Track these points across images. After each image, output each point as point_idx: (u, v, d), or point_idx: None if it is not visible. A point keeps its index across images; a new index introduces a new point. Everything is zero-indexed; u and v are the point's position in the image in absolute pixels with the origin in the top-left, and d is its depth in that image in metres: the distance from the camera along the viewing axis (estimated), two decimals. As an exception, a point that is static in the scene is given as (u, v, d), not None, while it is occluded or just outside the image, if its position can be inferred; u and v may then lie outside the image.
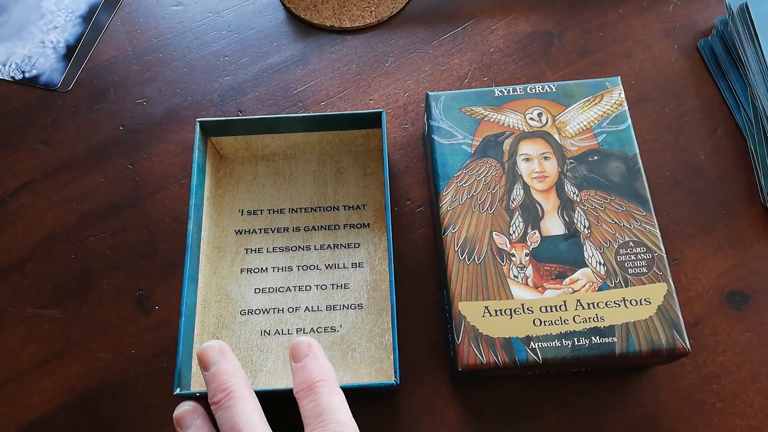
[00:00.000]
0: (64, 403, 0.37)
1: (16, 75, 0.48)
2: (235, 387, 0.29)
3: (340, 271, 0.39)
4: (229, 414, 0.28)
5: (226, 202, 0.42)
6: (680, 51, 0.47)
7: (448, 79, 0.46)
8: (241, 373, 0.30)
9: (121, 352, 0.38)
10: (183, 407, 0.31)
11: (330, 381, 0.29)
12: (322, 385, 0.29)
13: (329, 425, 0.27)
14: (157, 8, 0.50)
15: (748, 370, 0.36)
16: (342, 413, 0.28)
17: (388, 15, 0.49)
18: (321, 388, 0.29)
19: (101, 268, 0.40)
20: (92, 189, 0.43)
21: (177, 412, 0.31)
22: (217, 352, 0.30)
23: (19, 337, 0.39)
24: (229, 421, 0.28)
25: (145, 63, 0.48)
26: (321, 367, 0.30)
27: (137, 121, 0.46)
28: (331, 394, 0.29)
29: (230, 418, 0.28)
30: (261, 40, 0.49)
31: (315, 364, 0.30)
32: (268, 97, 0.46)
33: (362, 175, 0.42)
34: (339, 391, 0.29)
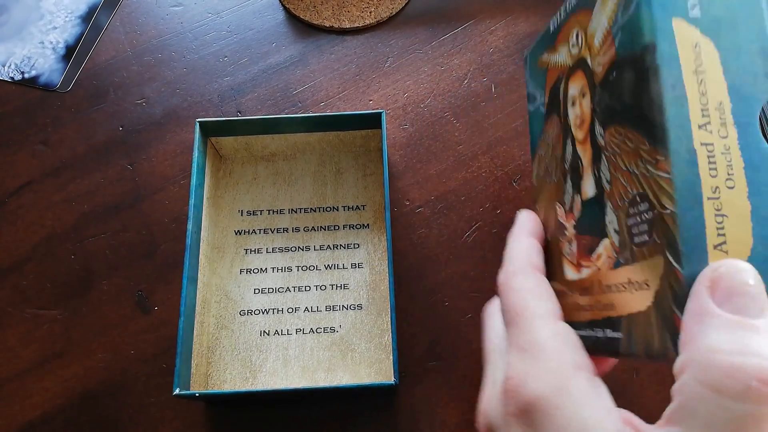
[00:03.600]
0: (64, 404, 0.37)
1: (16, 75, 0.48)
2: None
3: (339, 271, 0.39)
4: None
5: (226, 203, 0.42)
6: (679, 51, 0.47)
7: (447, 80, 0.46)
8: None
9: (120, 353, 0.38)
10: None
11: None
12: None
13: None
14: (156, 9, 0.50)
15: (746, 370, 0.36)
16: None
17: (388, 15, 0.49)
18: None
19: (101, 268, 0.40)
20: (92, 189, 0.43)
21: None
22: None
23: (19, 337, 0.39)
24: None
25: (144, 63, 0.48)
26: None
27: (137, 122, 0.46)
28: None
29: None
30: (260, 40, 0.49)
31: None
32: (268, 97, 0.46)
33: (362, 175, 0.42)
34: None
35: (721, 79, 0.21)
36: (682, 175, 0.20)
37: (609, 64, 0.25)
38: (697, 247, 0.19)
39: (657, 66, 0.21)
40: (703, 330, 0.18)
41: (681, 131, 0.20)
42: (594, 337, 0.25)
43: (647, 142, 0.22)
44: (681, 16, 0.21)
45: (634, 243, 0.23)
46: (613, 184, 0.25)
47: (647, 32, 0.21)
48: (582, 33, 0.27)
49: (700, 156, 0.20)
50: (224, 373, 0.37)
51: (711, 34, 0.21)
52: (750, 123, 0.20)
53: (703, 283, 0.18)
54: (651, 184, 0.22)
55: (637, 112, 0.23)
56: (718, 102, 0.20)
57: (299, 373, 0.37)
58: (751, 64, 0.21)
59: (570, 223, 0.28)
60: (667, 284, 0.21)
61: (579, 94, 0.28)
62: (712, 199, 0.20)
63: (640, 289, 0.23)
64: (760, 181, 0.20)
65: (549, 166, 0.30)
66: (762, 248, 0.20)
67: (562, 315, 0.25)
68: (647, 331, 0.22)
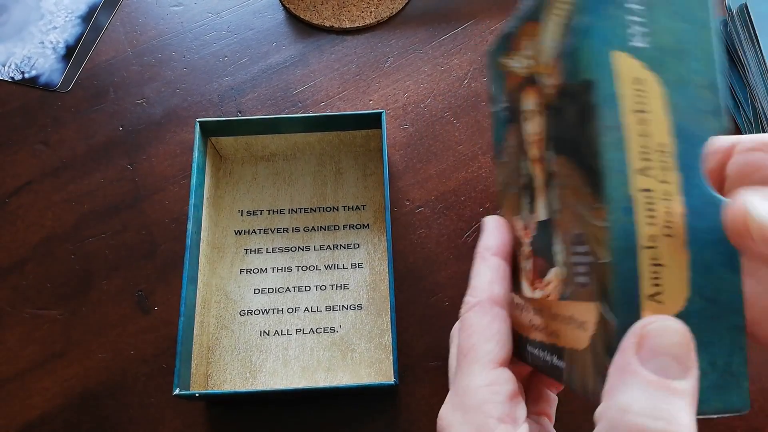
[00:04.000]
0: (64, 404, 0.37)
1: (16, 75, 0.48)
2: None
3: (339, 271, 0.39)
4: None
5: (226, 203, 0.42)
6: (680, 51, 0.47)
7: (447, 80, 0.46)
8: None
9: (120, 353, 0.38)
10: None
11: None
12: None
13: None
14: (156, 9, 0.50)
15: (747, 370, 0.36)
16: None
17: (388, 15, 0.49)
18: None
19: (101, 268, 0.40)
20: (92, 189, 0.43)
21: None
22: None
23: (19, 337, 0.39)
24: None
25: (144, 63, 0.48)
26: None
27: (137, 122, 0.46)
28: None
29: None
30: (260, 40, 0.49)
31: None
32: (268, 97, 0.46)
33: (362, 175, 0.42)
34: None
35: (664, 118, 0.19)
36: (617, 225, 0.19)
37: (556, 90, 0.22)
38: (629, 299, 0.19)
39: (595, 105, 0.19)
40: (622, 386, 0.18)
41: (618, 178, 0.19)
42: (543, 359, 0.25)
43: (586, 186, 0.20)
44: (623, 48, 0.19)
45: (575, 281, 0.22)
46: (561, 215, 0.23)
47: (585, 67, 0.19)
48: (534, 45, 0.25)
49: (638, 204, 0.19)
50: (224, 373, 0.37)
51: (655, 68, 0.19)
52: (694, 166, 0.19)
53: (630, 338, 0.18)
54: (589, 230, 0.20)
55: (578, 151, 0.21)
56: (661, 144, 0.19)
57: (299, 373, 0.37)
58: (699, 100, 0.19)
59: (526, 240, 0.27)
60: (601, 332, 0.20)
61: (533, 111, 0.25)
62: (648, 249, 0.19)
63: (579, 328, 0.22)
64: (701, 228, 0.19)
65: (510, 176, 0.29)
66: (698, 299, 0.19)
67: (507, 357, 0.25)
68: (585, 371, 0.21)
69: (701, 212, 0.19)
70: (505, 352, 0.25)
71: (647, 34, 0.19)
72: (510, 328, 0.26)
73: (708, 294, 0.19)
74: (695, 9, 0.19)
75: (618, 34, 0.19)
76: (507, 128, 0.28)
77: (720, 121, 0.19)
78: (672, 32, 0.19)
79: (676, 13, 0.19)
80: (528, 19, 0.25)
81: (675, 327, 0.18)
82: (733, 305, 0.19)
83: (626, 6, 0.19)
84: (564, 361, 0.23)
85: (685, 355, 0.18)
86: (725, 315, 0.19)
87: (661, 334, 0.18)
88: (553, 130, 0.23)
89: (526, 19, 0.25)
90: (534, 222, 0.26)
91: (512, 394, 0.23)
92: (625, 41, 0.19)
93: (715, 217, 0.19)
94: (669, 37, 0.19)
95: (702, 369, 0.19)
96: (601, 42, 0.19)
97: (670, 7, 0.19)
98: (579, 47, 0.20)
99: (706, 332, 0.19)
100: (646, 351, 0.18)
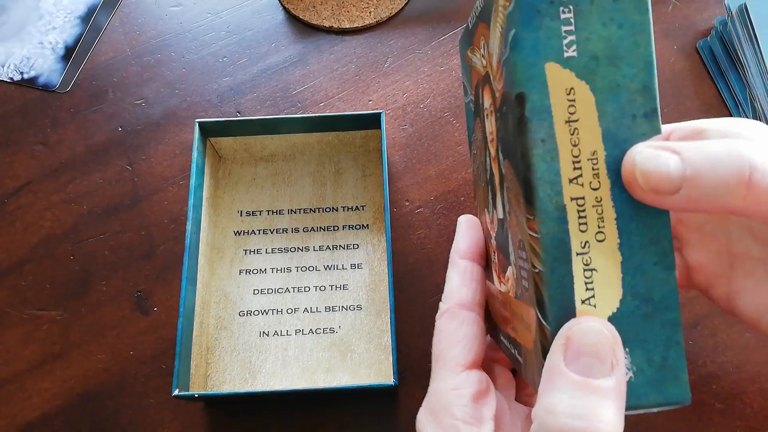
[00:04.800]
0: (63, 404, 0.37)
1: (15, 76, 0.48)
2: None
3: (339, 272, 0.39)
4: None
5: (225, 203, 0.42)
6: (679, 52, 0.47)
7: (447, 80, 0.46)
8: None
9: (120, 354, 0.38)
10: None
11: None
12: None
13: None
14: (155, 9, 0.50)
15: (747, 370, 0.36)
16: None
17: (387, 15, 0.49)
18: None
19: (100, 269, 0.40)
20: (91, 190, 0.43)
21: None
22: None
23: (18, 338, 0.39)
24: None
25: (143, 64, 0.48)
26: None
27: (136, 122, 0.46)
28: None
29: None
30: (260, 40, 0.49)
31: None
32: (267, 97, 0.46)
33: (361, 176, 0.42)
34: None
35: (595, 125, 0.19)
36: (550, 234, 0.19)
37: (501, 95, 0.22)
38: (564, 305, 0.19)
39: (527, 118, 0.19)
40: (550, 387, 0.19)
41: (550, 188, 0.19)
42: (509, 351, 0.25)
43: (521, 195, 0.21)
44: (555, 59, 0.19)
45: (521, 285, 0.22)
46: (510, 218, 0.23)
47: (518, 80, 0.20)
48: (486, 47, 0.25)
49: (569, 212, 0.19)
50: (223, 373, 0.37)
51: (586, 76, 0.19)
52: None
53: (559, 340, 0.19)
54: (526, 238, 0.21)
55: (516, 160, 0.21)
56: (592, 151, 0.19)
57: (299, 374, 0.37)
58: (630, 104, 0.19)
59: (492, 233, 0.27)
60: (538, 336, 0.20)
61: (489, 110, 0.26)
62: (581, 255, 0.19)
63: (527, 329, 0.22)
64: (632, 231, 0.19)
65: (479, 169, 0.29)
66: (631, 298, 0.19)
67: (475, 359, 0.25)
68: (532, 368, 0.22)
69: (632, 215, 0.19)
70: (473, 355, 0.25)
71: (579, 43, 0.19)
72: (481, 328, 0.26)
73: (641, 293, 0.19)
74: (631, 13, 0.19)
75: (552, 45, 0.19)
76: (474, 121, 0.29)
77: (653, 123, 0.19)
78: (605, 39, 0.19)
79: (612, 19, 0.19)
80: (481, 20, 0.25)
81: (597, 327, 0.19)
82: (667, 302, 0.19)
83: (561, 17, 0.19)
84: (521, 356, 0.24)
85: (609, 354, 0.19)
86: (659, 312, 0.19)
87: (585, 335, 0.19)
88: (500, 132, 0.23)
89: (480, 18, 0.25)
90: (495, 218, 0.26)
91: (477, 395, 0.24)
92: (559, 52, 0.19)
93: (645, 218, 0.19)
94: (602, 43, 0.19)
95: (638, 365, 0.19)
96: (534, 55, 0.19)
97: (604, 14, 0.19)
98: (513, 60, 0.20)
99: (640, 330, 0.19)
100: (571, 352, 0.19)
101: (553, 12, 0.19)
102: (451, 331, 0.26)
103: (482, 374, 0.25)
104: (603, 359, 0.18)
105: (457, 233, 0.28)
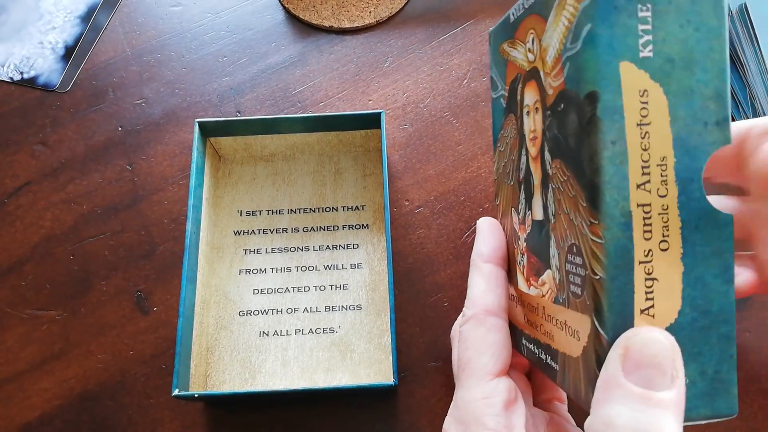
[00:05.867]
0: (63, 404, 0.37)
1: (15, 76, 0.48)
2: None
3: (338, 272, 0.39)
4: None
5: (225, 203, 0.42)
6: (679, 51, 0.47)
7: (447, 80, 0.46)
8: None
9: (119, 353, 0.38)
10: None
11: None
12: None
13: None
14: (155, 9, 0.50)
15: (747, 370, 0.36)
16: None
17: (387, 15, 0.49)
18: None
19: (100, 269, 0.40)
20: (91, 190, 0.43)
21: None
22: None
23: (18, 338, 0.39)
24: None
25: (143, 63, 0.48)
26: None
27: (136, 122, 0.45)
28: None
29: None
30: (260, 40, 0.49)
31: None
32: (267, 97, 0.46)
33: (361, 175, 0.42)
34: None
35: (666, 130, 0.19)
36: (614, 241, 0.19)
37: (558, 92, 0.22)
38: (623, 314, 0.19)
39: (598, 119, 0.18)
40: (607, 399, 0.18)
41: (617, 193, 0.19)
42: (538, 356, 0.25)
43: (584, 198, 0.20)
44: (630, 58, 0.18)
45: (570, 290, 0.21)
46: (556, 220, 0.22)
47: (591, 78, 0.19)
48: (537, 40, 0.24)
49: (635, 218, 0.19)
50: (223, 373, 0.37)
51: (661, 78, 0.18)
52: (693, 179, 0.19)
53: (616, 350, 0.18)
54: (585, 243, 0.20)
55: (578, 161, 0.20)
56: (662, 157, 0.19)
57: (298, 374, 0.37)
58: (702, 110, 0.19)
59: (522, 234, 0.26)
60: (593, 345, 0.20)
61: (533, 107, 0.25)
62: (643, 263, 0.19)
63: (573, 336, 0.21)
64: (696, 242, 0.19)
65: (507, 167, 0.28)
66: (690, 310, 0.19)
67: (503, 367, 0.25)
68: (577, 378, 0.21)
69: (697, 225, 0.19)
70: (501, 362, 0.25)
71: (656, 43, 0.18)
72: (508, 334, 0.26)
73: (700, 305, 0.19)
74: (708, 17, 0.18)
75: (628, 44, 0.18)
76: (505, 117, 0.28)
77: (724, 132, 0.19)
78: (682, 41, 0.18)
79: (689, 21, 0.18)
80: (533, 12, 0.24)
81: (659, 338, 0.18)
82: (724, 315, 0.19)
83: (639, 15, 0.18)
84: (558, 363, 0.23)
85: (670, 366, 0.18)
86: (716, 325, 0.19)
87: (645, 346, 0.18)
88: (550, 131, 0.23)
89: (530, 10, 0.24)
90: (530, 219, 0.25)
91: (508, 403, 0.24)
92: (635, 51, 0.18)
93: (710, 230, 0.19)
94: (678, 45, 0.18)
95: (691, 378, 0.19)
96: (610, 53, 0.18)
97: (682, 15, 0.18)
98: (586, 57, 0.19)
99: (696, 342, 0.19)
100: (630, 363, 0.18)
101: (631, 9, 0.18)
102: (479, 338, 0.25)
103: (511, 382, 0.25)
104: (664, 371, 0.18)
105: (479, 236, 0.28)
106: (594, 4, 0.18)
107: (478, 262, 0.27)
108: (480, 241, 0.28)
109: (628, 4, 0.18)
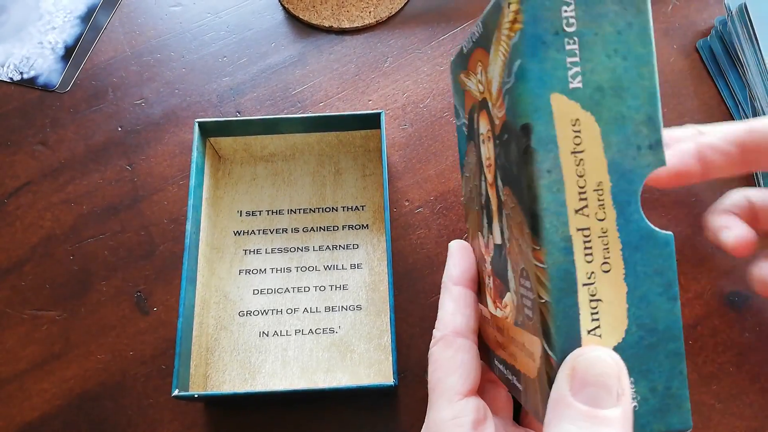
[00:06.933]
0: (63, 405, 0.37)
1: (15, 76, 0.48)
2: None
3: (338, 272, 0.39)
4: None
5: (225, 203, 0.42)
6: (679, 51, 0.47)
7: (447, 80, 0.46)
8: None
9: (119, 354, 0.38)
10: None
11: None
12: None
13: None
14: (155, 9, 0.50)
15: (747, 371, 0.36)
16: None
17: (387, 15, 0.49)
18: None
19: (100, 269, 0.40)
20: (91, 190, 0.43)
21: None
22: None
23: (18, 338, 0.39)
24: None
25: (143, 64, 0.48)
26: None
27: (136, 122, 0.45)
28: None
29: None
30: (260, 40, 0.49)
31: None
32: (267, 97, 0.46)
33: (361, 176, 0.42)
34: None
35: (601, 156, 0.19)
36: (556, 266, 0.19)
37: (502, 123, 0.22)
38: (570, 336, 0.19)
39: (533, 149, 0.19)
40: (557, 418, 0.19)
41: (556, 219, 0.19)
42: (506, 377, 0.25)
43: (527, 225, 0.20)
44: (560, 90, 0.19)
45: (524, 313, 0.22)
46: (510, 245, 0.23)
47: (524, 111, 0.19)
48: (484, 73, 0.24)
49: (576, 243, 0.19)
50: (223, 374, 0.37)
51: (592, 107, 0.19)
52: (630, 201, 0.19)
53: (564, 370, 0.19)
54: (531, 268, 0.21)
55: (520, 189, 0.21)
56: (597, 182, 0.19)
57: (298, 374, 0.37)
58: (635, 135, 0.19)
59: (488, 257, 0.27)
60: (544, 366, 0.20)
61: (486, 135, 0.25)
62: (587, 285, 0.19)
63: (529, 357, 0.22)
64: (637, 261, 0.19)
65: (472, 193, 0.29)
66: (636, 329, 0.19)
67: (472, 386, 0.25)
68: (535, 397, 0.22)
69: (637, 246, 0.19)
70: (470, 382, 0.25)
71: (584, 74, 0.19)
72: (476, 354, 0.26)
73: (646, 324, 0.19)
74: (635, 45, 0.19)
75: (557, 76, 0.19)
76: (467, 144, 0.29)
77: (658, 155, 0.19)
78: (610, 70, 0.19)
79: (616, 51, 0.19)
80: (479, 45, 0.25)
81: (604, 357, 0.19)
82: (671, 332, 0.20)
83: (566, 48, 0.19)
84: (521, 383, 0.23)
85: (615, 384, 0.18)
86: (663, 342, 0.20)
87: (591, 365, 0.18)
88: (500, 159, 0.23)
89: (477, 44, 0.25)
90: (492, 242, 0.26)
91: (476, 423, 0.24)
92: (565, 83, 0.19)
93: (650, 249, 0.19)
94: (607, 75, 0.19)
95: (642, 395, 0.19)
96: (540, 86, 0.19)
97: (609, 45, 0.19)
98: (519, 90, 0.20)
99: (645, 360, 0.19)
100: (577, 382, 0.18)
101: (558, 43, 0.19)
102: (447, 359, 0.26)
103: (479, 401, 0.25)
104: (609, 389, 0.18)
105: (449, 259, 0.29)
106: (522, 41, 0.19)
107: (449, 284, 0.28)
108: (450, 263, 0.28)
109: (555, 39, 0.19)
